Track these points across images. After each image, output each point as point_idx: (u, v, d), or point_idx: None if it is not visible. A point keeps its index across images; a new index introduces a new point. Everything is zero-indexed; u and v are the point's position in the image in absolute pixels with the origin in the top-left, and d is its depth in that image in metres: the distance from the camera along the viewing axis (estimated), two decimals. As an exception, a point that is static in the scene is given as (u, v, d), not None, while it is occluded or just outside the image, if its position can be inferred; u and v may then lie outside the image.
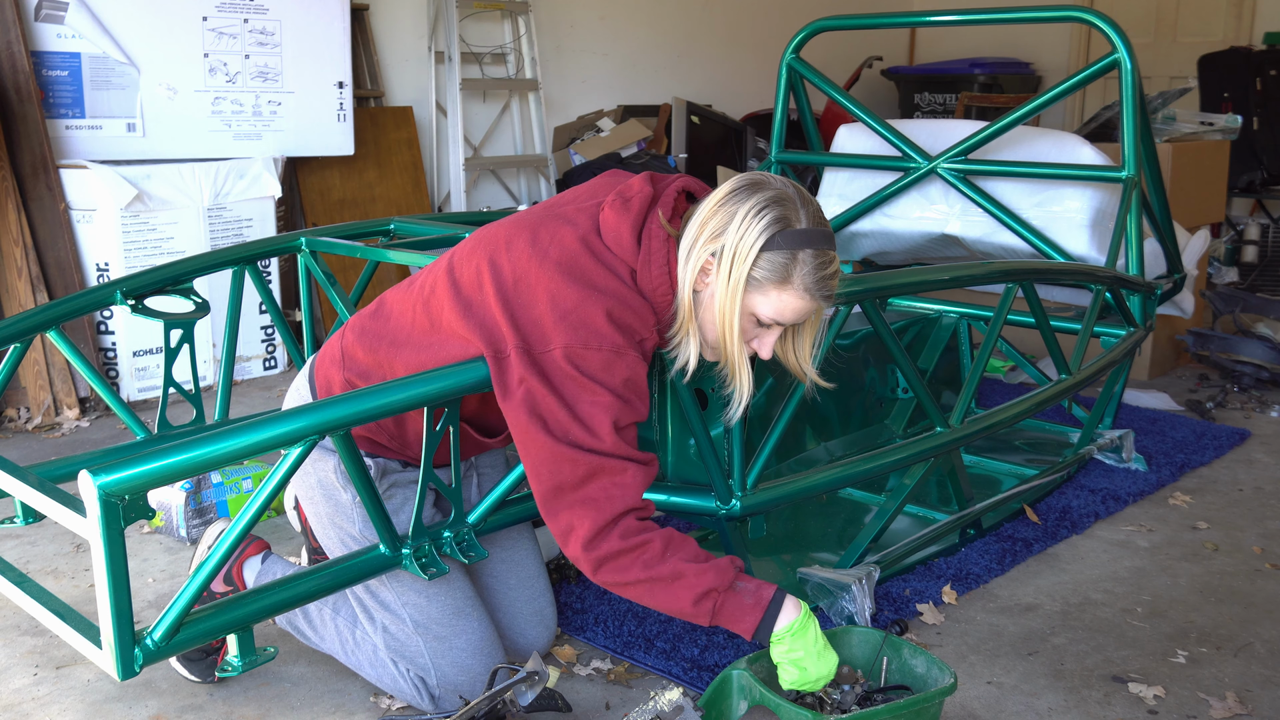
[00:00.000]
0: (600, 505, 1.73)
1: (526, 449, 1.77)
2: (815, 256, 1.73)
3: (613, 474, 1.74)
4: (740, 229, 1.71)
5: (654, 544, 1.76)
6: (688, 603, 1.76)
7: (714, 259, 1.74)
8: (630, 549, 1.74)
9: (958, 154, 3.46)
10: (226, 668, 1.79)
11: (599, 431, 1.72)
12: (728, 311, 1.75)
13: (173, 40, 4.20)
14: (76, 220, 3.88)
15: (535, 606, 2.18)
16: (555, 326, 1.72)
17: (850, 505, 2.93)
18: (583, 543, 1.74)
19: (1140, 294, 3.17)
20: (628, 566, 1.75)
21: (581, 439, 1.72)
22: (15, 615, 2.39)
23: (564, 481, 1.74)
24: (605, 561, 1.75)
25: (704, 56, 6.81)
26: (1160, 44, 7.35)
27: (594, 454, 1.72)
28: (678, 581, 1.75)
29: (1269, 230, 5.75)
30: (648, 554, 1.75)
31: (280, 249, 2.85)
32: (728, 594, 1.77)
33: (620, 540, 1.74)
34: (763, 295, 1.74)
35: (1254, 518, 2.94)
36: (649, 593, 1.77)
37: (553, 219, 1.84)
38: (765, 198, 1.72)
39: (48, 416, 3.72)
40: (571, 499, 1.74)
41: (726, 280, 1.73)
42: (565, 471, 1.73)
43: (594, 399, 1.72)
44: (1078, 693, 2.10)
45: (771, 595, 1.78)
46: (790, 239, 1.71)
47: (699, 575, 1.75)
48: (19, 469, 1.90)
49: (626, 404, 1.75)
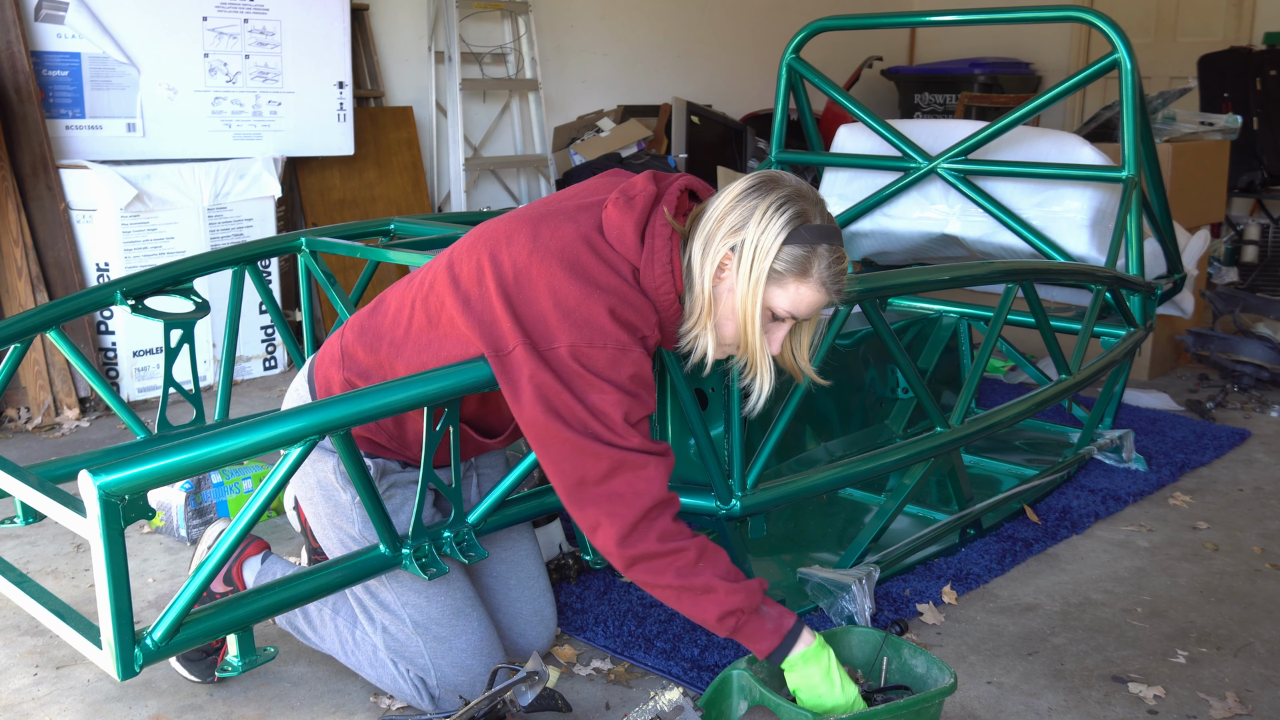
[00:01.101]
0: (628, 501, 1.74)
1: (545, 444, 1.76)
2: (831, 251, 1.77)
3: (635, 468, 1.74)
4: (762, 223, 1.73)
5: (689, 552, 1.77)
6: (712, 617, 1.78)
7: (733, 253, 1.76)
8: (665, 553, 1.76)
9: (958, 154, 3.46)
10: (226, 668, 1.79)
11: (614, 425, 1.73)
12: (749, 304, 1.76)
13: (173, 40, 4.20)
14: (76, 220, 3.88)
15: (535, 606, 2.18)
16: (559, 324, 1.72)
17: (850, 505, 2.93)
18: (616, 539, 1.75)
19: (1140, 294, 3.17)
20: (662, 570, 1.77)
21: (599, 432, 1.73)
22: (15, 615, 2.39)
23: (587, 475, 1.74)
24: (639, 561, 1.76)
25: (704, 56, 6.81)
26: (1160, 44, 7.35)
27: (614, 448, 1.73)
28: (708, 595, 1.77)
29: (1269, 230, 5.75)
30: (681, 561, 1.76)
31: (280, 249, 2.85)
32: (751, 616, 1.79)
33: (657, 543, 1.76)
34: (781, 288, 1.76)
35: (1254, 518, 2.94)
36: (675, 597, 1.79)
37: (554, 215, 1.84)
38: (784, 194, 1.76)
39: (48, 416, 3.72)
40: (596, 494, 1.75)
41: (748, 273, 1.75)
42: (588, 465, 1.73)
43: (602, 396, 1.72)
44: (1078, 693, 2.10)
45: (791, 625, 1.80)
46: (809, 234, 1.74)
47: (729, 594, 1.77)
48: (19, 469, 1.90)
49: (635, 398, 1.76)
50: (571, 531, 2.60)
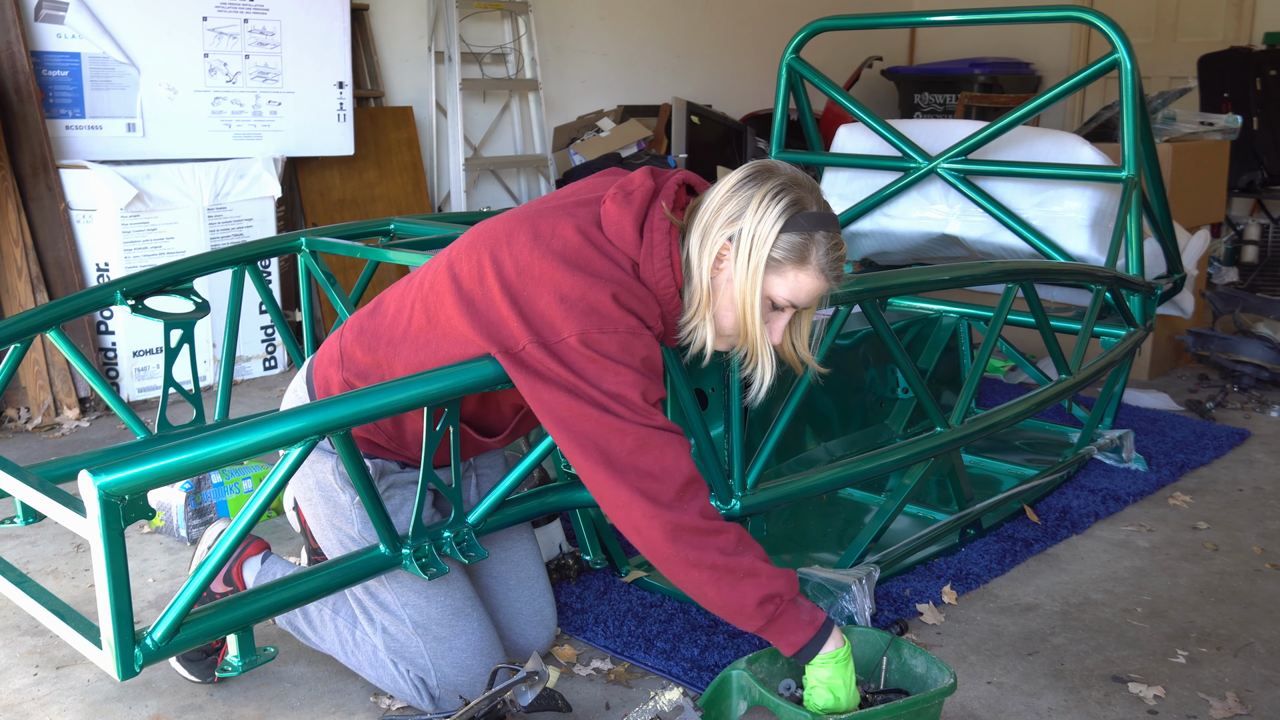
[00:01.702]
0: (659, 479, 1.72)
1: (567, 427, 1.73)
2: (829, 238, 1.77)
3: (660, 446, 1.72)
4: (758, 212, 1.74)
5: (730, 534, 1.75)
6: (752, 601, 1.74)
7: (731, 243, 1.76)
8: (709, 531, 1.73)
9: (958, 154, 3.46)
10: (226, 668, 1.79)
11: (633, 404, 1.71)
12: (748, 293, 1.76)
13: (173, 40, 4.20)
14: (76, 220, 3.88)
15: (535, 606, 2.18)
16: (565, 316, 1.72)
17: (850, 505, 2.93)
18: (654, 514, 1.70)
19: (1140, 294, 3.17)
20: (704, 547, 1.73)
21: (620, 411, 1.71)
22: (15, 615, 2.39)
23: (612, 451, 1.71)
24: (683, 533, 1.72)
25: (704, 56, 6.81)
26: (1160, 44, 7.35)
27: (637, 425, 1.71)
28: (750, 578, 1.74)
29: (1269, 230, 5.75)
30: (723, 541, 1.74)
31: (280, 249, 2.85)
32: (789, 605, 1.77)
33: (701, 519, 1.73)
34: (780, 276, 1.76)
35: (1254, 518, 2.94)
36: (714, 580, 1.74)
37: (553, 212, 1.84)
38: (779, 182, 1.76)
39: (48, 416, 3.72)
40: (626, 468, 1.71)
41: (746, 262, 1.74)
42: (613, 441, 1.71)
43: (618, 378, 1.72)
44: (1078, 693, 2.10)
45: (824, 620, 1.79)
46: (807, 221, 1.74)
47: (772, 578, 1.75)
48: (19, 469, 1.90)
49: (650, 380, 1.75)
50: (572, 531, 2.60)
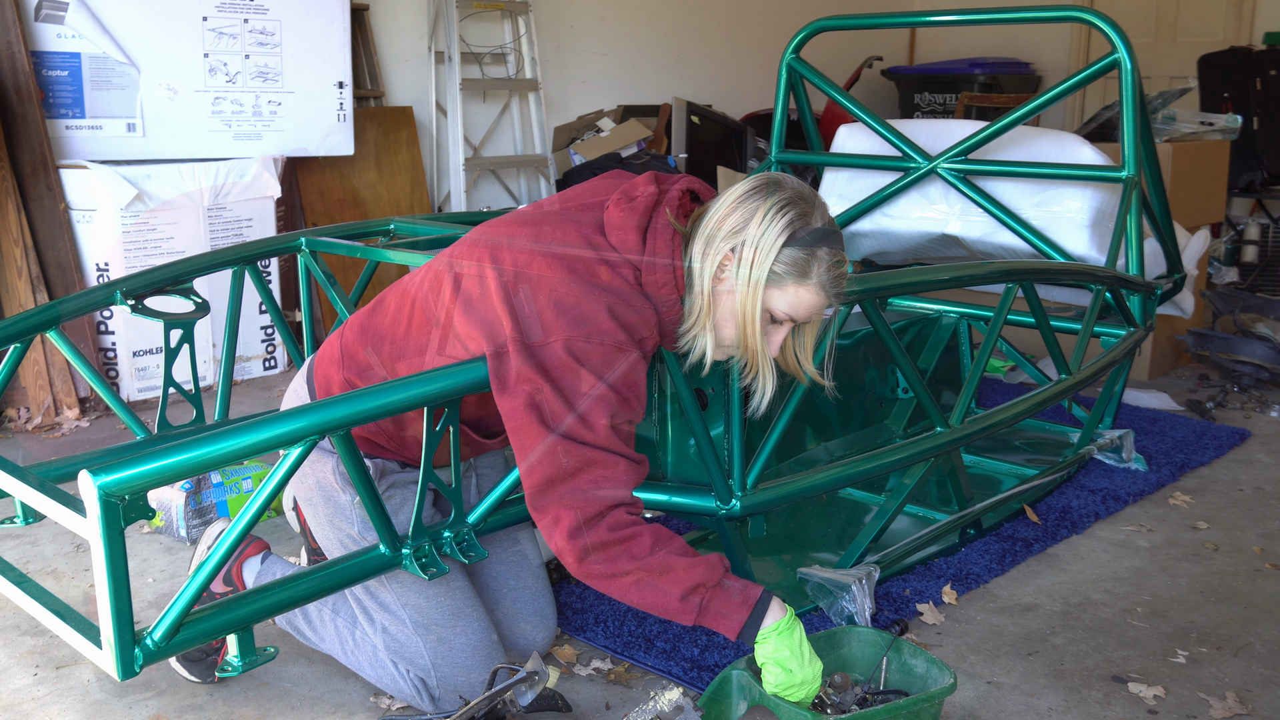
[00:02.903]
0: (589, 496, 1.72)
1: (521, 441, 1.75)
2: (831, 255, 1.77)
3: (604, 466, 1.73)
4: (762, 225, 1.74)
5: (643, 538, 1.74)
6: (675, 597, 1.74)
7: (733, 254, 1.76)
8: (618, 541, 1.73)
9: (958, 154, 3.46)
10: (226, 668, 1.79)
11: (595, 425, 1.72)
12: (748, 306, 1.76)
13: (173, 40, 4.20)
14: (76, 220, 3.88)
15: (535, 606, 2.18)
16: (556, 320, 1.72)
17: (850, 505, 2.93)
18: (568, 532, 1.72)
19: (1140, 294, 3.17)
20: (615, 558, 1.73)
21: (577, 432, 1.71)
22: (15, 615, 2.39)
23: (556, 474, 1.72)
24: (592, 551, 1.73)
25: (704, 56, 6.81)
26: (1160, 44, 7.35)
27: (588, 446, 1.72)
28: (666, 575, 1.74)
29: (1269, 230, 5.75)
30: (636, 546, 1.73)
31: (280, 249, 2.85)
32: (715, 590, 1.76)
33: (608, 531, 1.73)
34: (780, 291, 1.76)
35: (1254, 518, 2.94)
36: (635, 586, 1.75)
37: (555, 216, 1.84)
38: (785, 196, 1.76)
39: (48, 416, 3.72)
40: (561, 490, 1.73)
41: (748, 275, 1.74)
42: (559, 464, 1.72)
43: (592, 392, 1.72)
44: (1078, 693, 2.10)
45: (759, 595, 1.77)
46: (810, 237, 1.75)
47: (688, 569, 1.74)
48: (19, 469, 1.90)
49: (624, 402, 1.75)
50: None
